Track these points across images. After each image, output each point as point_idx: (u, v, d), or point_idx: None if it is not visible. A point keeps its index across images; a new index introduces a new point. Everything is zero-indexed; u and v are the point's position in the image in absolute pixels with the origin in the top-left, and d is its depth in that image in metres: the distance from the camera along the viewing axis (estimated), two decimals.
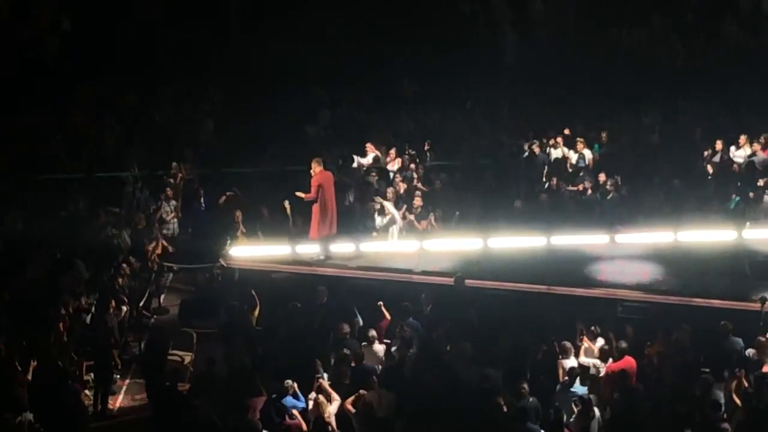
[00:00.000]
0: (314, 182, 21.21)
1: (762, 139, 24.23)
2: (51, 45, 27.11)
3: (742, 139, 24.35)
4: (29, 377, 17.12)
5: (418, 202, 22.58)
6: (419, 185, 23.44)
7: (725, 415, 16.63)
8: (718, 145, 24.31)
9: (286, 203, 21.98)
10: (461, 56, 27.71)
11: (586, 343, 18.49)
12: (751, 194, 22.93)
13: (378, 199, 22.40)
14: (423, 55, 27.66)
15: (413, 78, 27.67)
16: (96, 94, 26.32)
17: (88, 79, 26.37)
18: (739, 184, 23.44)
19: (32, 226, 21.99)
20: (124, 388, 19.24)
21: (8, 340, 18.07)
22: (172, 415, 16.76)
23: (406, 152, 24.26)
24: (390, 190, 22.90)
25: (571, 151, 24.64)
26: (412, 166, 24.03)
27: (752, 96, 25.93)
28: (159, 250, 21.85)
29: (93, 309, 19.49)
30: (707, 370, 17.81)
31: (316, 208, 21.30)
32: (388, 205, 22.16)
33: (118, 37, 27.08)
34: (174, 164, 23.37)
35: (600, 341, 18.41)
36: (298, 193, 21.39)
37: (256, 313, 19.51)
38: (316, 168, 21.27)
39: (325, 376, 17.34)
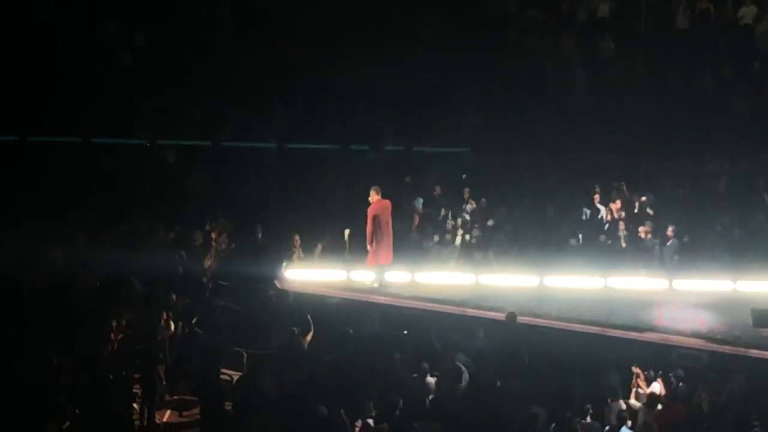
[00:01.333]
0: (370, 211, 21.24)
1: None
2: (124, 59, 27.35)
3: None
4: (78, 388, 17.26)
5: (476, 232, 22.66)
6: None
7: None
8: None
9: (346, 231, 22.06)
10: (529, 95, 27.62)
11: (641, 387, 18.35)
12: None
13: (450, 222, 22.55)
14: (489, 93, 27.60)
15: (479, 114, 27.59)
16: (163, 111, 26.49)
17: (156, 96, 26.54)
18: None
19: (92, 239, 22.20)
20: (173, 403, 19.31)
21: (60, 350, 18.20)
22: None
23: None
24: (450, 222, 22.93)
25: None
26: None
27: None
28: (215, 268, 21.95)
29: (145, 323, 19.58)
30: (757, 423, 17.55)
31: (369, 236, 21.31)
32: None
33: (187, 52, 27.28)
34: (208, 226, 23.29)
35: (656, 386, 18.23)
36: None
37: (309, 337, 19.54)
38: (373, 197, 21.30)
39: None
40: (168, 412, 19.10)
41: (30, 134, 25.56)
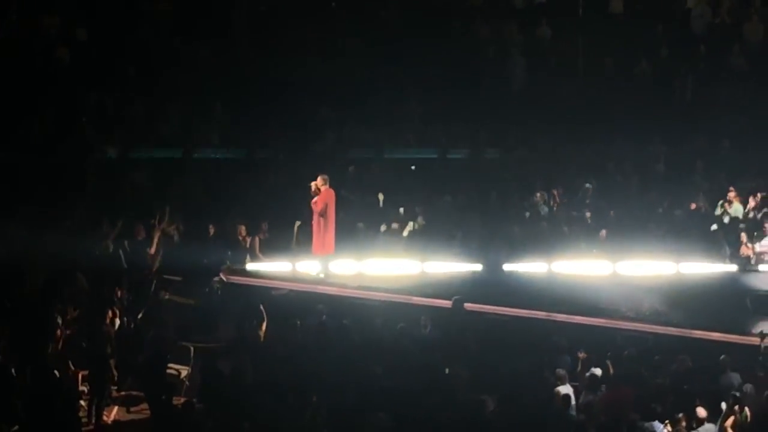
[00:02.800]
0: (320, 199, 21.26)
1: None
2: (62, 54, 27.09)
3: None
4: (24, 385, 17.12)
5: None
6: None
7: None
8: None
9: (297, 223, 22.04)
10: (470, 79, 27.69)
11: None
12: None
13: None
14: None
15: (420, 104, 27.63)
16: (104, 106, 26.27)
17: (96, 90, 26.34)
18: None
19: (34, 235, 21.99)
20: (120, 400, 19.20)
21: (5, 347, 18.03)
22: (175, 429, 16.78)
23: None
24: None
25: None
26: None
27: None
28: (158, 263, 21.84)
29: (90, 319, 19.44)
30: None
31: (318, 224, 21.35)
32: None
33: (128, 48, 27.06)
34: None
35: (596, 370, 18.38)
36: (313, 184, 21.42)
37: (264, 328, 19.51)
38: (322, 185, 21.34)
39: None
40: (115, 408, 18.94)
41: None
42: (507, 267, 21.97)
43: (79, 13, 27.49)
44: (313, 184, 21.56)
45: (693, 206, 24.08)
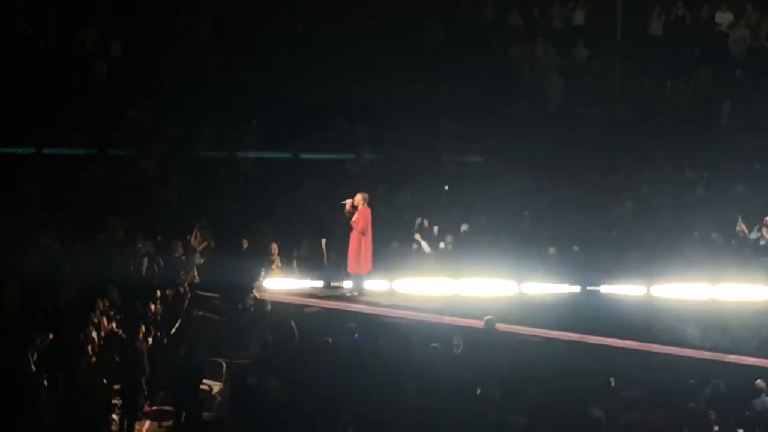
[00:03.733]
0: (361, 217, 21.34)
1: None
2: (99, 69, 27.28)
3: None
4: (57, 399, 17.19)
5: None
6: None
7: None
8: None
9: (323, 241, 22.07)
10: (507, 102, 27.69)
11: None
12: None
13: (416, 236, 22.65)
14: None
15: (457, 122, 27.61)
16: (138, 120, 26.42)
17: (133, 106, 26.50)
18: None
19: (68, 249, 22.11)
20: (151, 414, 19.23)
21: (38, 360, 18.11)
22: None
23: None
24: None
25: None
26: None
27: None
28: (193, 279, 21.91)
29: (124, 334, 19.51)
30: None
31: (355, 242, 21.40)
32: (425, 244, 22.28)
33: (165, 63, 27.22)
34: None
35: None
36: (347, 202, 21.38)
37: (294, 344, 19.57)
38: (360, 202, 21.40)
39: None
40: (147, 422, 18.98)
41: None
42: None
43: (115, 27, 27.68)
44: (348, 201, 21.60)
45: (738, 228, 23.88)
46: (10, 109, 25.50)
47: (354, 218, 21.50)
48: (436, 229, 23.78)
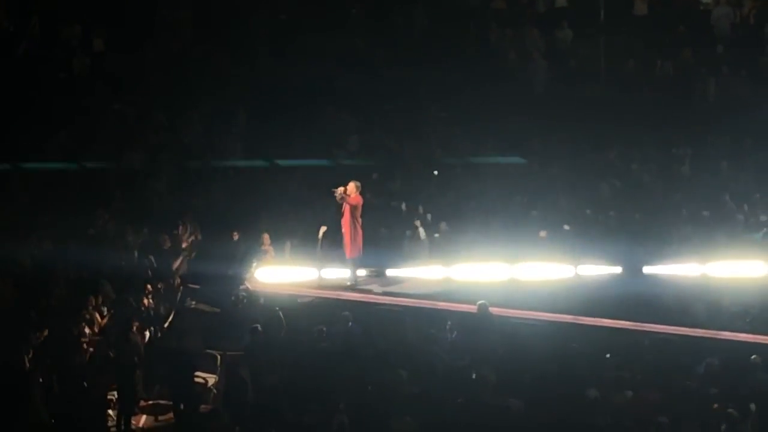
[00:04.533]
0: (350, 203, 21.34)
1: None
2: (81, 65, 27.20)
3: None
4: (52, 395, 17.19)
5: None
6: None
7: None
8: None
9: (322, 228, 22.12)
10: (490, 83, 27.68)
11: None
12: None
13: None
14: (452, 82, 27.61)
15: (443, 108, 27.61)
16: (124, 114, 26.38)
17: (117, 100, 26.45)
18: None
19: (60, 245, 22.08)
20: (147, 408, 19.24)
21: (32, 356, 18.10)
22: None
23: None
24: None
25: None
26: None
27: None
28: (184, 271, 21.89)
29: (117, 329, 19.49)
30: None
31: (348, 229, 21.43)
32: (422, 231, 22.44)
33: (149, 57, 27.16)
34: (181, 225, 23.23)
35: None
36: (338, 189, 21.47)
37: (282, 334, 19.56)
38: (353, 190, 21.42)
39: None
40: (143, 417, 18.99)
41: None
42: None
43: (99, 23, 27.59)
44: (339, 189, 21.56)
45: None
46: None
47: (347, 205, 21.50)
48: (429, 216, 23.78)
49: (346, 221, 21.45)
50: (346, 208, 21.41)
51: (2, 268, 20.89)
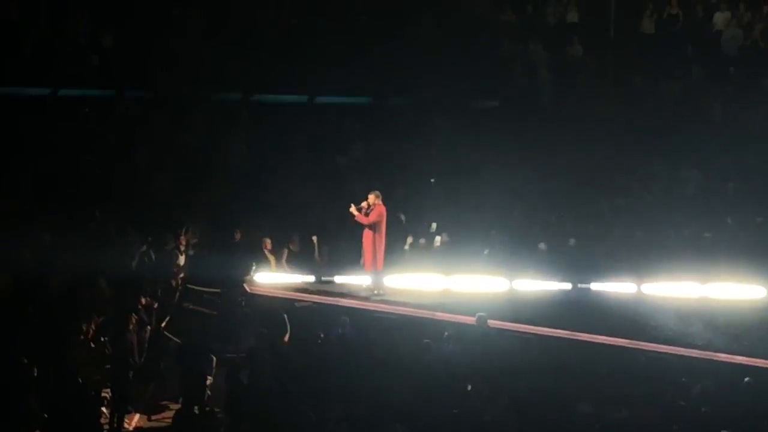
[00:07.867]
0: (372, 216, 21.34)
1: None
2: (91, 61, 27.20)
3: None
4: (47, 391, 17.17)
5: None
6: None
7: None
8: None
9: (314, 238, 22.09)
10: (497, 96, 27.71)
11: None
12: None
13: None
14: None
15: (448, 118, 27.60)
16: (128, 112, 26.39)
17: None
18: None
19: (58, 242, 22.06)
20: (141, 407, 19.20)
21: (27, 353, 18.09)
22: None
23: None
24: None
25: None
26: None
27: None
28: (184, 272, 21.90)
29: (114, 327, 19.48)
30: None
31: (369, 240, 21.42)
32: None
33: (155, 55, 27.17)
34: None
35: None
36: (353, 210, 21.45)
37: (287, 338, 19.59)
38: (375, 201, 21.41)
39: None
40: (137, 416, 18.98)
41: None
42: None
43: (108, 19, 27.61)
44: (362, 204, 21.61)
45: None
46: None
47: (370, 217, 21.49)
48: (434, 225, 23.80)
49: (370, 233, 21.41)
50: (372, 219, 21.38)
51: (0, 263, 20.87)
